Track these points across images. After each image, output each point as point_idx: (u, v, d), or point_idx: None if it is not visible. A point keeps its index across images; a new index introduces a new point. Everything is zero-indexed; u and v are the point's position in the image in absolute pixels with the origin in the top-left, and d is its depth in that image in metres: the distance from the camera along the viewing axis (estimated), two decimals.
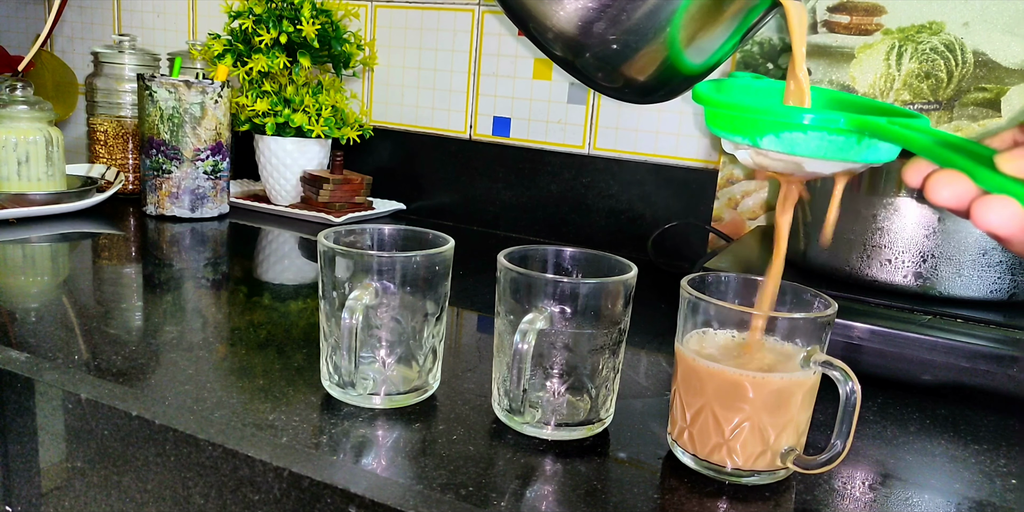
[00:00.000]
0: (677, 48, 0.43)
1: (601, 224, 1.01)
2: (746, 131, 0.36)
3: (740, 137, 0.37)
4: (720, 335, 0.45)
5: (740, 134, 0.37)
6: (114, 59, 1.08)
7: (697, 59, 0.45)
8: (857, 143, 0.35)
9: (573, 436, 0.49)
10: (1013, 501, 0.45)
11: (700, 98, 0.39)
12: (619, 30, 0.42)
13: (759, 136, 0.36)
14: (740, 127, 0.37)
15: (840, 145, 0.35)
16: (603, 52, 0.43)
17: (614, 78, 0.45)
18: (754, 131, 0.36)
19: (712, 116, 0.38)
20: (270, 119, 1.02)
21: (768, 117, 0.36)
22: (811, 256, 0.66)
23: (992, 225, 0.28)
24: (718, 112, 0.38)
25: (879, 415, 0.56)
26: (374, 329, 0.50)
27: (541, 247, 0.53)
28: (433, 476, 0.43)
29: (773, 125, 0.35)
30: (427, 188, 1.11)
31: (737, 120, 0.37)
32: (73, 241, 0.88)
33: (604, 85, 0.47)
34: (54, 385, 0.52)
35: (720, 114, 0.38)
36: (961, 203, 0.29)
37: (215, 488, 0.47)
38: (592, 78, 0.46)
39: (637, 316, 0.52)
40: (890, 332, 0.58)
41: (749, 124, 0.36)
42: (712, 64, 0.47)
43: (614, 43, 0.42)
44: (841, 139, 0.35)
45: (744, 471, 0.45)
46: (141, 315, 0.66)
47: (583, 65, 0.44)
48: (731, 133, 0.37)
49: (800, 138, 0.35)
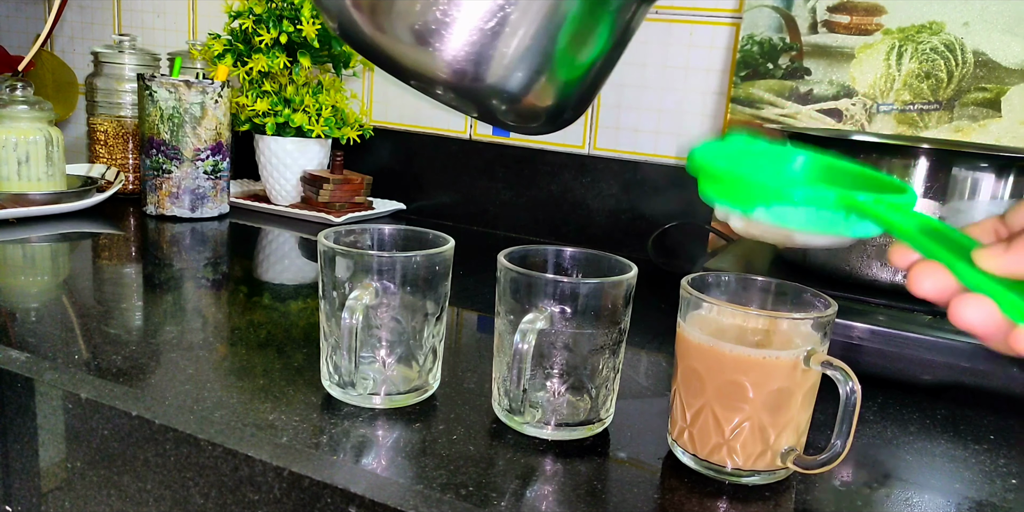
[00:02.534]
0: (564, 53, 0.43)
1: (601, 224, 1.01)
2: (739, 201, 0.37)
3: (734, 206, 0.37)
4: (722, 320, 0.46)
5: (734, 204, 0.37)
6: (114, 59, 1.08)
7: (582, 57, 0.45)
8: (845, 218, 0.35)
9: (573, 436, 0.49)
10: (1013, 501, 0.45)
11: (695, 167, 0.39)
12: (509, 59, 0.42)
13: (751, 206, 0.37)
14: (734, 197, 0.37)
15: (829, 220, 0.36)
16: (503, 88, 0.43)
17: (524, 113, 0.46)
18: (747, 201, 0.37)
19: (707, 184, 0.38)
20: (270, 119, 1.02)
21: (761, 190, 0.36)
22: (811, 256, 0.66)
23: (969, 324, 0.28)
24: (712, 181, 0.38)
25: (879, 415, 0.56)
26: (374, 329, 0.50)
27: (541, 247, 0.53)
28: (433, 476, 0.43)
29: (765, 198, 0.36)
30: (427, 188, 1.11)
31: (731, 190, 0.37)
32: (73, 241, 0.88)
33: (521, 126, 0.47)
34: (54, 385, 0.52)
35: (713, 183, 0.38)
36: (942, 296, 0.29)
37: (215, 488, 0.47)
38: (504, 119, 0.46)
39: (637, 316, 0.52)
40: (890, 332, 0.58)
41: (743, 194, 0.37)
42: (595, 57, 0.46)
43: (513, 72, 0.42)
44: (830, 214, 0.35)
45: (744, 471, 0.45)
46: (141, 315, 0.66)
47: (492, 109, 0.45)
48: (724, 202, 0.38)
49: (790, 211, 0.36)
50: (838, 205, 0.35)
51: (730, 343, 0.43)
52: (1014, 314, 0.27)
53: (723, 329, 0.46)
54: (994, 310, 0.27)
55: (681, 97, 0.95)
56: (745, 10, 0.88)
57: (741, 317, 0.45)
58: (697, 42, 0.93)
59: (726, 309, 0.45)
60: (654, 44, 0.95)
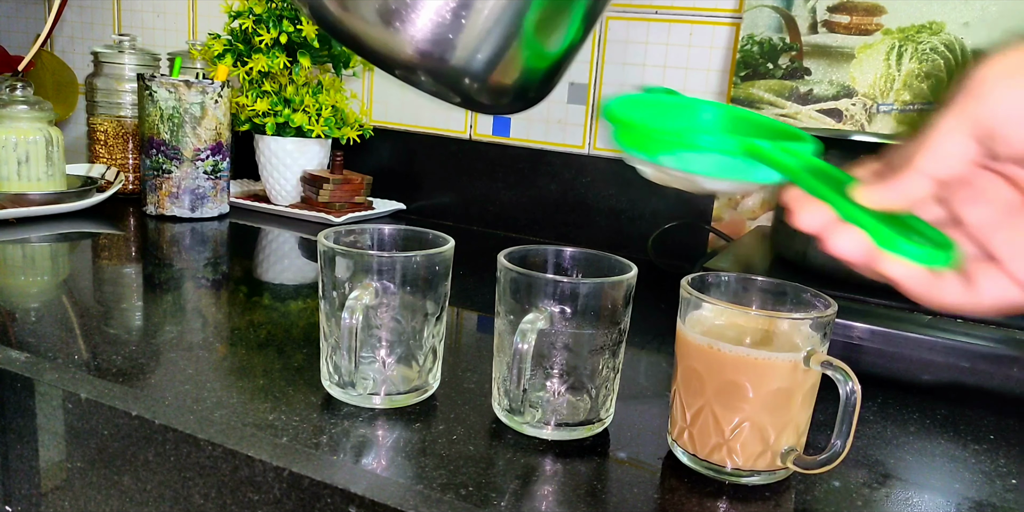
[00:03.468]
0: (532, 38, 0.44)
1: (601, 224, 1.01)
2: (647, 149, 0.39)
3: (642, 154, 0.39)
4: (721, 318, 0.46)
5: (642, 151, 0.39)
6: (114, 59, 1.08)
7: (552, 46, 0.46)
8: (747, 164, 0.37)
9: (573, 436, 0.49)
10: (1013, 501, 0.45)
11: (608, 116, 0.41)
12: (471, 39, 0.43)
13: (658, 154, 0.38)
14: (642, 145, 0.39)
15: (732, 166, 0.37)
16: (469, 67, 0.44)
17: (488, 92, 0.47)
18: (654, 149, 0.38)
19: (618, 133, 0.40)
20: (270, 119, 1.02)
21: (667, 137, 0.38)
22: (811, 256, 0.66)
23: (841, 251, 0.31)
24: (623, 130, 0.40)
25: (879, 415, 0.56)
26: (374, 329, 0.50)
27: (541, 247, 0.53)
28: (433, 476, 0.43)
29: (671, 144, 0.38)
30: (427, 188, 1.11)
31: (639, 138, 0.39)
32: (73, 241, 0.88)
33: (485, 103, 0.48)
34: (54, 385, 0.52)
35: (624, 132, 0.40)
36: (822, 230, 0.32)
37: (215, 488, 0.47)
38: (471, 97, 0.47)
39: (637, 316, 0.52)
40: (890, 332, 0.58)
41: (650, 142, 0.39)
42: (567, 47, 0.47)
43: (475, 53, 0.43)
44: (733, 160, 0.37)
45: (744, 471, 0.45)
46: (141, 315, 0.66)
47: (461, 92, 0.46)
48: (634, 150, 0.40)
49: (695, 158, 0.38)
50: (739, 150, 0.36)
51: (730, 343, 0.43)
52: (881, 241, 0.30)
53: (723, 329, 0.46)
54: (864, 239, 0.30)
55: None
56: (745, 10, 0.88)
57: (741, 317, 0.45)
58: (697, 42, 0.93)
59: (726, 309, 0.45)
60: (654, 44, 0.95)
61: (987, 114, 0.28)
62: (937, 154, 0.30)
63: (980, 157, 0.30)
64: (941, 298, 0.31)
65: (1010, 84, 0.27)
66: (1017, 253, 0.31)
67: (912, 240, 0.30)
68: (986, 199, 0.32)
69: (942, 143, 0.30)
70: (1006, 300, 0.31)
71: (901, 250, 0.30)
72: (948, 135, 0.29)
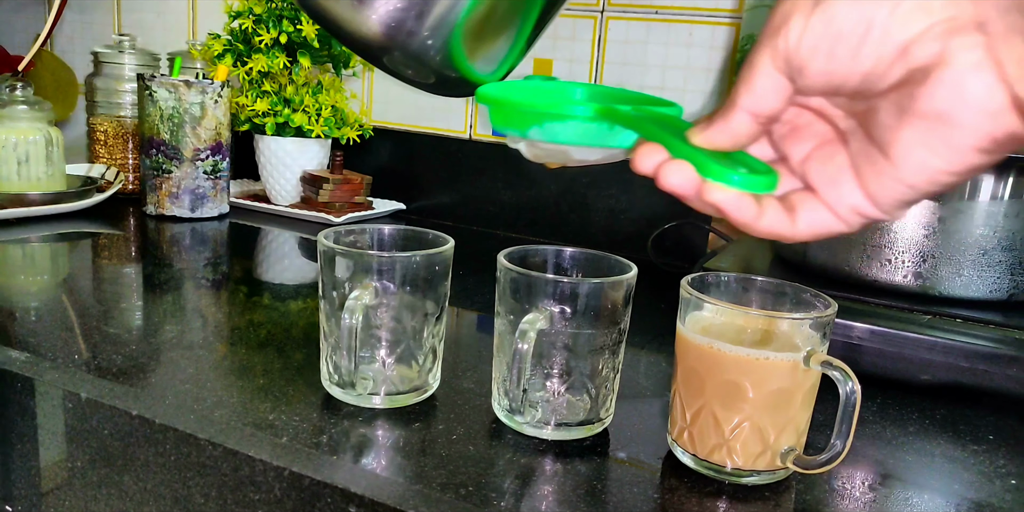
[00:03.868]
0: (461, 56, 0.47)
1: (601, 224, 1.01)
2: (517, 125, 0.41)
3: (513, 130, 0.41)
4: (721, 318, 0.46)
5: (512, 128, 0.41)
6: (114, 59, 1.08)
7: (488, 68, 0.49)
8: (609, 130, 0.39)
9: (573, 436, 0.49)
10: (1013, 501, 0.45)
11: (480, 97, 0.43)
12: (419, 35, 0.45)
13: (527, 128, 0.40)
14: (512, 121, 0.41)
15: (595, 132, 0.39)
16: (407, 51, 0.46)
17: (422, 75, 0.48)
18: (523, 124, 0.40)
19: (492, 114, 0.42)
20: (270, 119, 1.02)
21: (531, 110, 0.40)
22: (811, 256, 0.66)
23: (671, 184, 0.34)
24: (495, 110, 0.42)
25: (879, 415, 0.56)
26: (374, 329, 0.50)
27: (541, 247, 0.53)
28: (433, 476, 0.43)
29: (535, 117, 0.40)
30: (427, 188, 1.11)
31: (509, 115, 0.41)
32: (73, 241, 0.88)
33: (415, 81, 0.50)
34: (54, 385, 0.52)
35: (496, 111, 0.42)
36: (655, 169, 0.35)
37: (215, 488, 0.47)
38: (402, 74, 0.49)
39: (637, 316, 0.52)
40: (890, 332, 0.58)
41: (518, 118, 0.40)
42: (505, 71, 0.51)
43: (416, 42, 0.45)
44: (595, 127, 0.39)
45: (744, 471, 0.45)
46: (141, 315, 0.66)
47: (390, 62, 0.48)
48: (506, 127, 0.42)
49: (560, 128, 0.39)
50: (596, 114, 0.38)
51: (730, 343, 0.43)
52: (705, 171, 0.32)
53: (723, 329, 0.46)
54: (691, 172, 0.33)
55: (681, 97, 0.95)
56: (745, 10, 0.88)
57: (741, 317, 0.45)
58: (697, 42, 0.93)
59: (726, 309, 0.45)
60: (654, 44, 0.95)
61: (790, 47, 0.30)
62: (753, 91, 0.32)
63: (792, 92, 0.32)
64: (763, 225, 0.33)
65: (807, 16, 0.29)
66: (830, 182, 0.33)
67: (733, 169, 0.32)
68: (803, 135, 0.35)
69: (756, 80, 0.32)
70: (821, 226, 0.33)
71: (723, 178, 0.32)
72: (760, 72, 0.31)
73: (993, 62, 0.27)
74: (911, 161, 0.29)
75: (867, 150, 0.31)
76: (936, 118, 0.28)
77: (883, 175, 0.31)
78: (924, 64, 0.28)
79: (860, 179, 0.32)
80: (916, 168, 0.29)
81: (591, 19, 0.97)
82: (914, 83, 0.28)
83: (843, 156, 0.33)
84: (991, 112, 0.27)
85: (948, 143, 0.28)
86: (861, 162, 0.32)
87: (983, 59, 0.27)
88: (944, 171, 0.29)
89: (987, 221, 0.58)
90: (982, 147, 0.28)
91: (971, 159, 0.28)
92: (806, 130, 0.35)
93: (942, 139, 0.28)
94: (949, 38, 0.27)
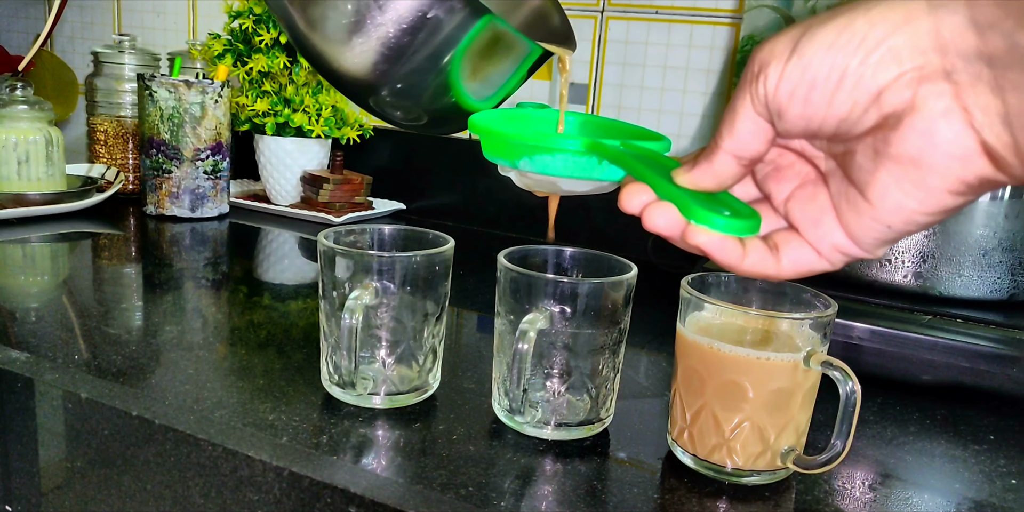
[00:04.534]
0: (461, 91, 0.48)
1: (601, 224, 1.01)
2: (507, 155, 0.41)
3: (503, 161, 0.42)
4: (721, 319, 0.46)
5: (503, 158, 0.42)
6: (114, 59, 1.08)
7: (482, 97, 0.50)
8: (598, 163, 0.40)
9: (573, 436, 0.49)
10: (1013, 501, 0.45)
11: (472, 127, 0.44)
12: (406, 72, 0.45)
13: (518, 159, 0.41)
14: (503, 152, 0.41)
15: (583, 165, 0.40)
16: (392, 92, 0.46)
17: (409, 115, 0.49)
18: (514, 155, 0.41)
19: (484, 143, 0.43)
20: (270, 119, 1.02)
21: (522, 142, 0.40)
22: None
23: (656, 227, 0.34)
24: (487, 139, 0.42)
25: (879, 415, 0.56)
26: (374, 329, 0.50)
27: (541, 247, 0.53)
28: (433, 476, 0.43)
29: (525, 149, 0.40)
30: (427, 188, 1.11)
31: (500, 146, 0.42)
32: (73, 241, 0.88)
33: (401, 120, 0.51)
34: (54, 385, 0.52)
35: (488, 141, 0.42)
36: (640, 209, 0.35)
37: (215, 488, 0.47)
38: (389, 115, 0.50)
39: (637, 316, 0.52)
40: (890, 332, 0.58)
41: (509, 149, 0.41)
42: (498, 102, 0.51)
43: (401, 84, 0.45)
44: (584, 160, 0.40)
45: (744, 471, 0.45)
46: (141, 315, 0.66)
47: (376, 103, 0.48)
48: (497, 157, 0.42)
49: (549, 160, 0.40)
50: (584, 148, 0.39)
51: (730, 343, 0.43)
52: (688, 214, 0.33)
53: (723, 329, 0.46)
54: (675, 214, 0.33)
55: (681, 98, 0.95)
56: (745, 10, 0.88)
57: (741, 317, 0.45)
58: (697, 43, 0.93)
59: (726, 309, 0.45)
60: (654, 44, 0.95)
61: (768, 93, 0.30)
62: (736, 135, 0.32)
63: (773, 135, 0.32)
64: (747, 265, 0.34)
65: (783, 63, 0.30)
66: (812, 221, 0.34)
67: (717, 212, 0.32)
68: (785, 175, 0.36)
69: (738, 124, 0.32)
70: (804, 265, 0.34)
71: (707, 221, 0.32)
72: (741, 116, 0.32)
73: (961, 109, 0.28)
74: (887, 202, 0.30)
75: (846, 191, 0.32)
76: (909, 162, 0.29)
77: (863, 215, 0.31)
78: (896, 110, 0.29)
79: (841, 219, 0.33)
80: (892, 209, 0.30)
81: (591, 19, 0.97)
82: (887, 128, 0.29)
83: (824, 196, 0.34)
84: (961, 156, 0.28)
85: (921, 186, 0.29)
86: (841, 202, 0.32)
87: (951, 106, 0.28)
88: (919, 212, 0.30)
89: (987, 221, 0.58)
90: (954, 190, 0.29)
91: (944, 201, 0.29)
92: (788, 170, 0.35)
93: (915, 182, 0.29)
94: (919, 85, 0.28)
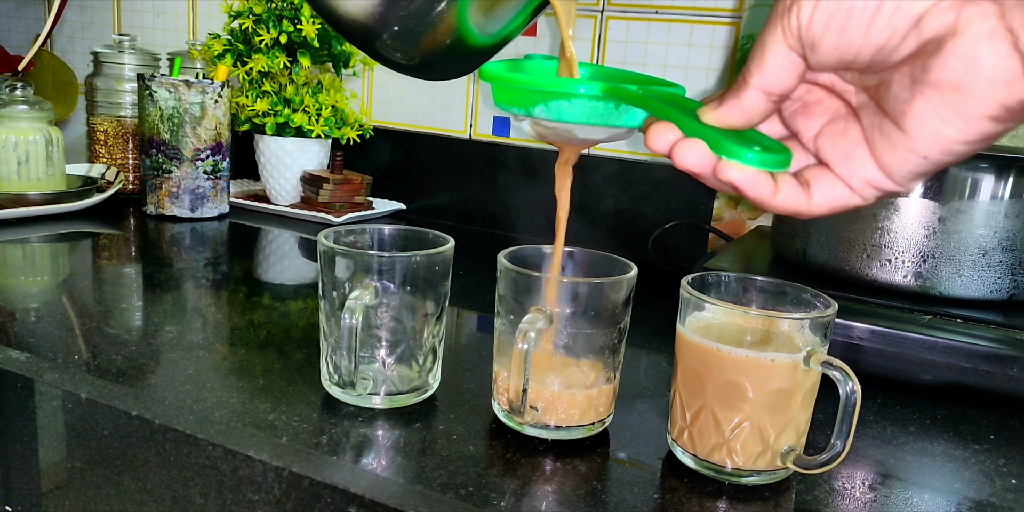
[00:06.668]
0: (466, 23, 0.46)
1: (601, 224, 1.01)
2: (522, 103, 0.41)
3: (517, 109, 0.41)
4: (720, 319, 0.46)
5: (517, 106, 0.41)
6: (114, 59, 1.08)
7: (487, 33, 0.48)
8: (616, 109, 0.39)
9: (573, 436, 0.49)
10: (1013, 501, 0.45)
11: (484, 75, 0.43)
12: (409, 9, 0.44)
13: (532, 107, 0.40)
14: (517, 100, 0.41)
15: (601, 111, 0.39)
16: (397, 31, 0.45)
17: (411, 56, 0.47)
18: (528, 102, 0.40)
19: (496, 92, 0.42)
20: (270, 119, 1.02)
21: (537, 88, 0.40)
22: (811, 256, 0.66)
23: (686, 163, 0.33)
24: (499, 88, 0.42)
25: (879, 415, 0.56)
26: (374, 329, 0.50)
27: (541, 247, 0.53)
28: (433, 476, 0.43)
29: (542, 96, 0.40)
30: (427, 188, 1.11)
31: (514, 94, 0.41)
32: (73, 241, 0.88)
33: (402, 64, 0.49)
34: (54, 385, 0.52)
35: (500, 89, 0.42)
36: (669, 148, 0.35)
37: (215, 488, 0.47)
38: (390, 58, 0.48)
39: (637, 316, 0.52)
40: (890, 332, 0.58)
41: (523, 96, 0.41)
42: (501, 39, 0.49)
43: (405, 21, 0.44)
44: (601, 106, 0.39)
45: (744, 471, 0.45)
46: (141, 315, 0.66)
47: (381, 46, 0.47)
48: (510, 106, 0.42)
49: (566, 106, 0.39)
50: (602, 92, 0.38)
51: (730, 343, 0.43)
52: (719, 150, 0.32)
53: (723, 329, 0.46)
54: (706, 150, 0.33)
55: None
56: (745, 9, 0.88)
57: (741, 317, 0.45)
58: (697, 42, 0.93)
59: (726, 309, 0.45)
60: (654, 44, 0.95)
61: (802, 25, 0.30)
62: (765, 69, 0.32)
63: (804, 69, 0.32)
64: (779, 201, 0.33)
65: None
66: (843, 156, 0.34)
67: (748, 147, 0.32)
68: (814, 111, 0.35)
69: (768, 59, 0.32)
70: (836, 201, 0.34)
71: (738, 156, 0.32)
72: (772, 50, 0.32)
73: (1006, 31, 0.27)
74: (925, 132, 0.30)
75: (880, 123, 0.32)
76: (949, 87, 0.28)
77: (897, 147, 0.31)
78: (937, 35, 0.28)
79: (874, 152, 0.32)
80: (930, 138, 0.30)
81: (591, 19, 0.97)
82: (927, 54, 0.29)
83: (856, 130, 0.33)
84: (1004, 80, 0.28)
85: (961, 112, 0.29)
86: (874, 135, 0.32)
87: (996, 28, 0.27)
88: (957, 140, 0.29)
89: (987, 221, 0.58)
90: (995, 115, 0.28)
91: (984, 128, 0.29)
92: (817, 106, 0.35)
93: (955, 109, 0.29)
94: (962, 8, 0.27)
